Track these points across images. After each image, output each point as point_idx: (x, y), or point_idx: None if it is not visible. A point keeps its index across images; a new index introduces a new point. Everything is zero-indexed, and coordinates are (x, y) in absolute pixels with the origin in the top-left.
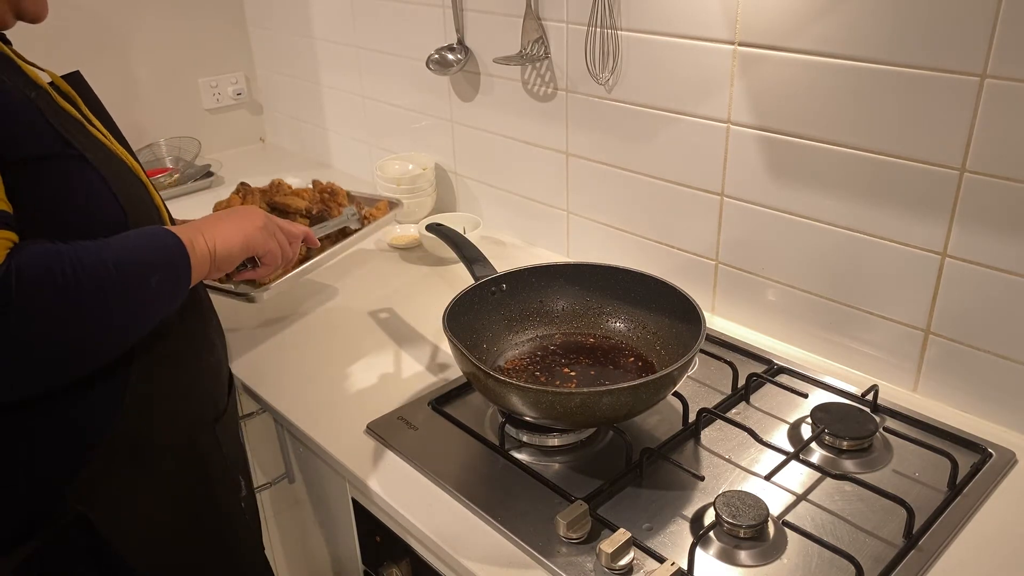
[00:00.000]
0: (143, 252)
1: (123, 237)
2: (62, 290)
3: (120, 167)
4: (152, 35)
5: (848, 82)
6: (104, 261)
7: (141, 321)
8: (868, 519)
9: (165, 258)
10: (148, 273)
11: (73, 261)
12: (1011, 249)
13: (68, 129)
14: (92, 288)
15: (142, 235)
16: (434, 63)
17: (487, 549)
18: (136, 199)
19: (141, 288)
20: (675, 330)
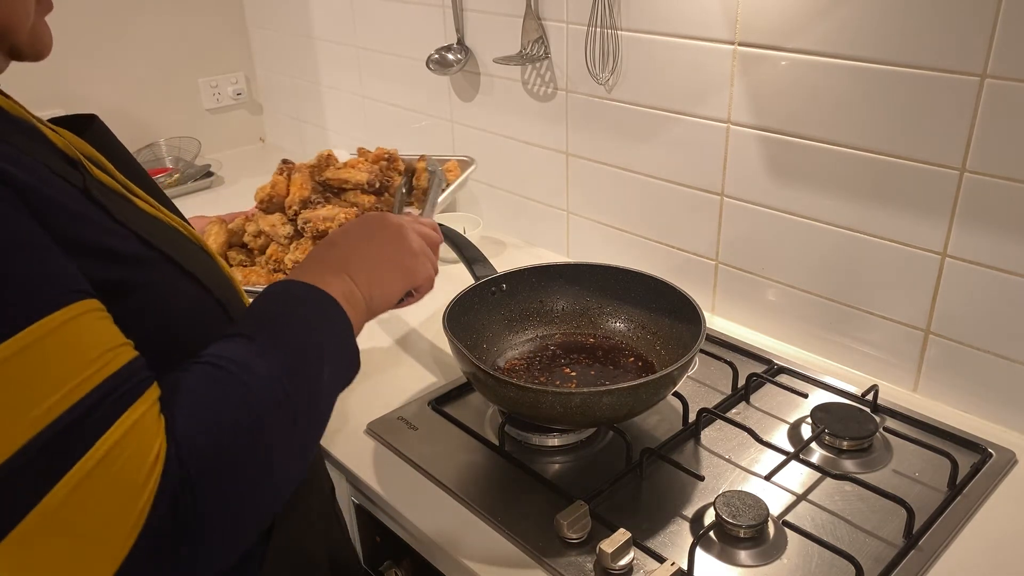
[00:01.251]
0: (301, 337)
1: (265, 319)
2: (245, 458)
3: (184, 243)
4: (152, 35)
5: (848, 82)
6: (273, 377)
7: (319, 432)
8: (868, 519)
9: (329, 333)
10: (319, 365)
11: (242, 397)
12: (1011, 249)
13: (130, 219)
14: (272, 431)
15: (287, 306)
16: (434, 63)
17: (487, 549)
18: (217, 279)
19: (317, 392)
20: (675, 330)
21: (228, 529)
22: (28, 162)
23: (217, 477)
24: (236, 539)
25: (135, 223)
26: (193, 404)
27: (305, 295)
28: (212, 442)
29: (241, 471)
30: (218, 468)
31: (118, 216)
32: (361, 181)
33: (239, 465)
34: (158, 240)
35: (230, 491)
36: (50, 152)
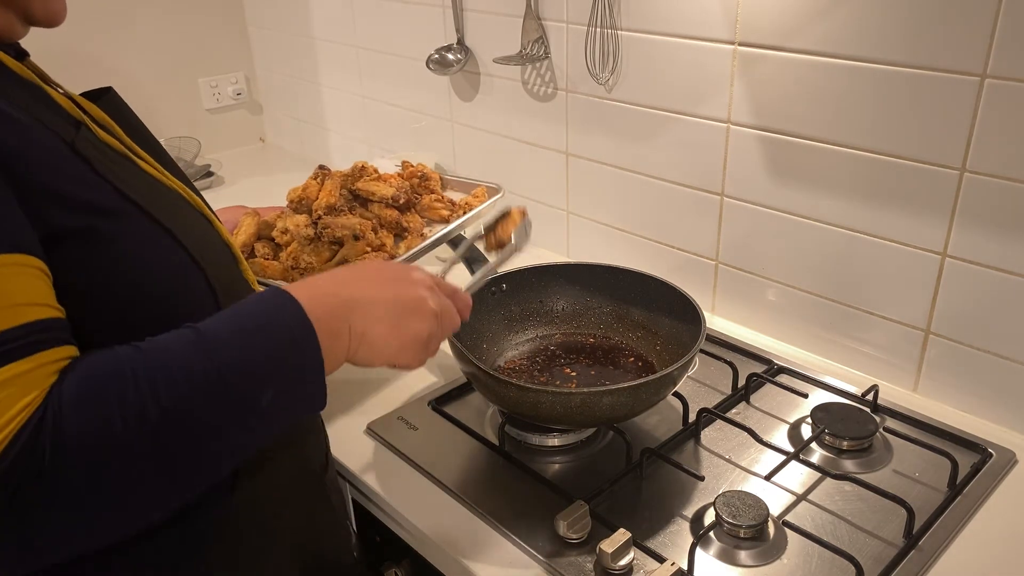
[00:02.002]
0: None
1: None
2: (120, 449)
3: (180, 205)
4: (152, 35)
5: (848, 82)
6: (189, 392)
7: (234, 459)
8: (868, 519)
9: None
10: (258, 390)
11: (144, 396)
12: (1011, 249)
13: (118, 174)
14: (167, 439)
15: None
16: (434, 63)
17: (487, 549)
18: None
19: (245, 414)
20: (675, 330)
21: (72, 513)
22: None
23: (76, 456)
24: (80, 527)
25: (123, 179)
26: (84, 394)
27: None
28: (85, 430)
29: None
30: (79, 446)
31: (100, 170)
32: (386, 195)
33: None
34: (142, 196)
35: (85, 474)
36: (48, 109)
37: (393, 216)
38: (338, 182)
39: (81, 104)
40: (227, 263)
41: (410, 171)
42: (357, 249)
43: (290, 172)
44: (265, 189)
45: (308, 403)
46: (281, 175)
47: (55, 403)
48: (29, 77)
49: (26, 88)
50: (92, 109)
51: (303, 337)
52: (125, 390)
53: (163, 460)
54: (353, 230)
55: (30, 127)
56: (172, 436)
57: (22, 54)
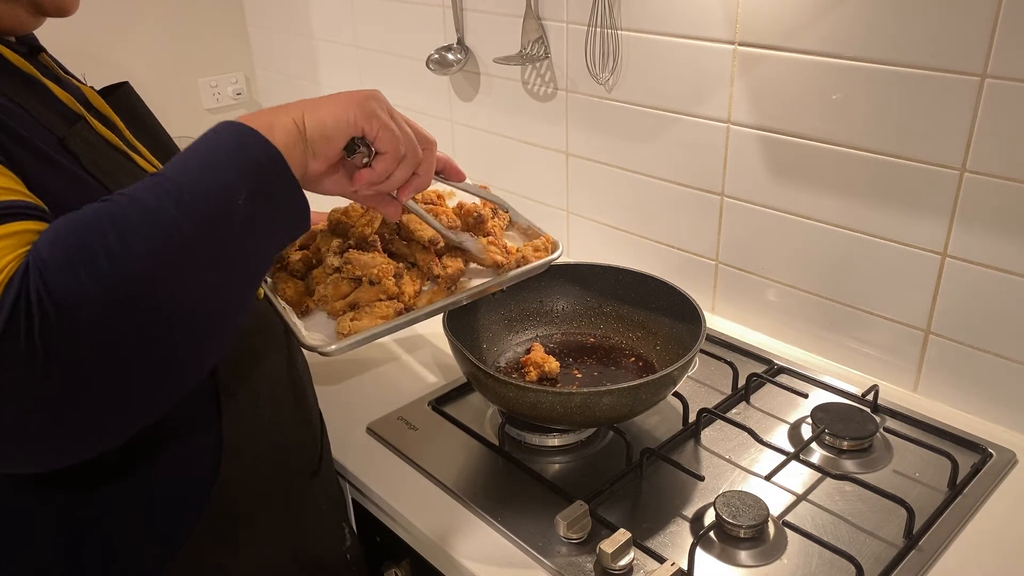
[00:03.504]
0: (214, 169)
1: (175, 160)
2: (108, 286)
3: None
4: (152, 35)
5: (848, 82)
6: (161, 207)
7: (241, 278)
8: (868, 519)
9: (247, 162)
10: (228, 198)
11: (121, 231)
12: (1011, 249)
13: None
14: (154, 264)
15: (198, 145)
16: (434, 63)
17: (487, 549)
18: None
19: (225, 222)
20: (675, 330)
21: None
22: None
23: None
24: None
25: (113, 176)
26: (61, 229)
27: (216, 130)
28: (70, 262)
29: (102, 292)
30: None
31: (89, 166)
32: (424, 238)
33: (98, 283)
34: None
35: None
36: (44, 105)
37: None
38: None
39: (88, 97)
40: None
41: (466, 210)
42: (370, 294)
43: None
44: None
45: (288, 207)
46: None
47: (34, 259)
48: (29, 72)
49: (26, 83)
50: (98, 103)
51: (252, 139)
52: (103, 226)
53: (155, 286)
54: (370, 275)
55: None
56: (156, 263)
57: (36, 49)
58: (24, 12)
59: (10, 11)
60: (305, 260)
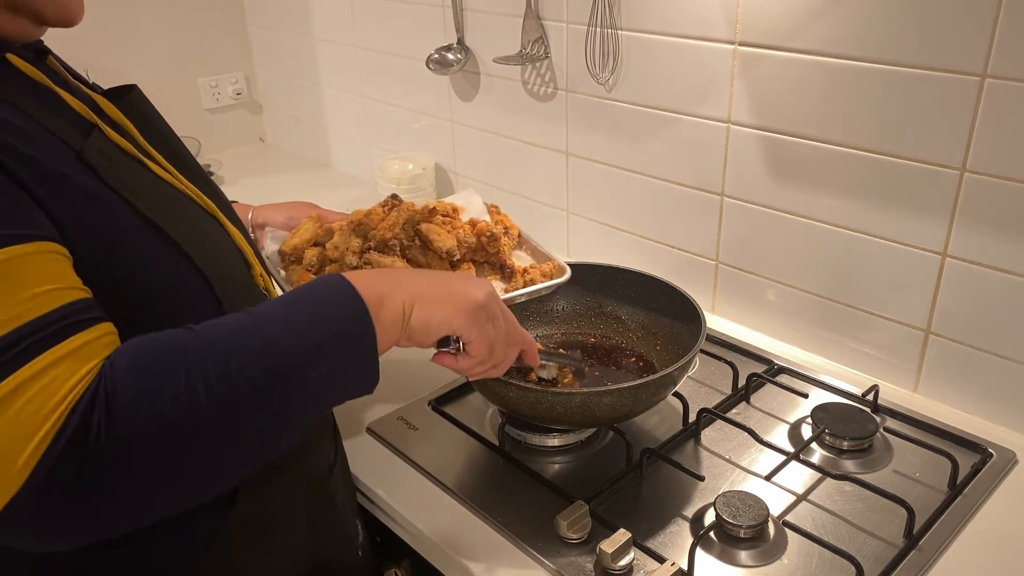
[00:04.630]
0: (305, 335)
1: (274, 304)
2: (176, 427)
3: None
4: (152, 35)
5: (848, 82)
6: (247, 364)
7: (288, 436)
8: (868, 519)
9: (338, 334)
10: (308, 364)
11: (193, 372)
12: (1011, 249)
13: (126, 182)
14: (222, 413)
15: (304, 296)
16: (434, 63)
17: (487, 549)
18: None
19: (297, 389)
20: (675, 330)
21: (134, 486)
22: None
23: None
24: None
25: (130, 186)
26: (137, 370)
27: (330, 284)
28: (138, 409)
29: (160, 436)
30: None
31: (107, 178)
32: (442, 247)
33: (159, 427)
34: (148, 203)
35: (143, 451)
36: (59, 115)
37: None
38: (404, 216)
39: (99, 104)
40: (237, 268)
41: (479, 228)
42: None
43: (290, 172)
44: (265, 189)
45: (362, 381)
46: (281, 175)
47: (108, 377)
48: (42, 81)
49: (38, 93)
50: (109, 109)
51: (356, 314)
52: (176, 366)
53: (214, 437)
54: None
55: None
56: (223, 415)
57: (43, 52)
58: (27, 22)
59: (13, 21)
60: (321, 257)
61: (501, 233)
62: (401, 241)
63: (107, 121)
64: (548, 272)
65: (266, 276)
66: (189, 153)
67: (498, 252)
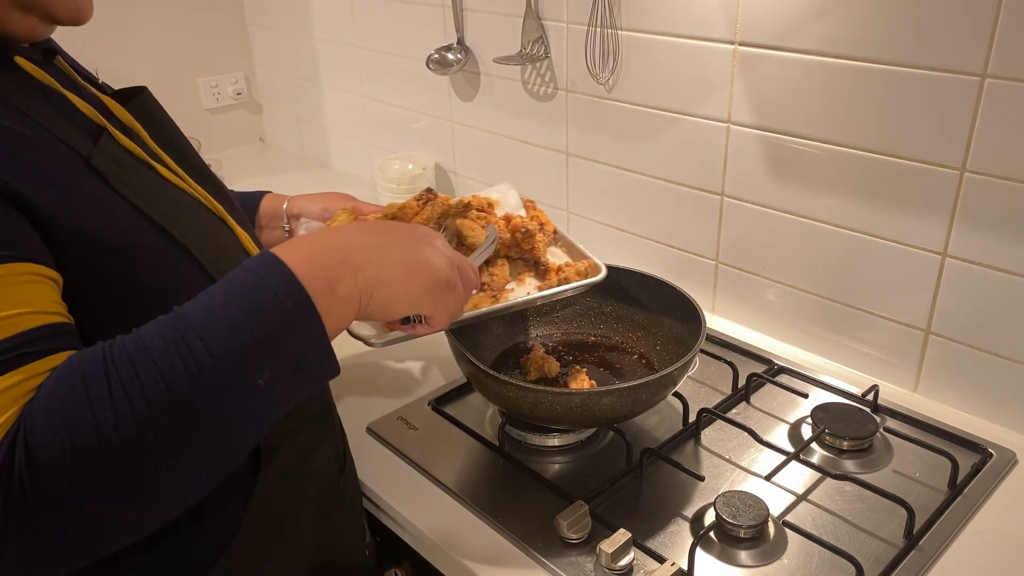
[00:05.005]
0: (241, 335)
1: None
2: (97, 457)
3: (198, 214)
4: (152, 35)
5: (848, 82)
6: (178, 377)
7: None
8: (868, 519)
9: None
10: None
11: (119, 398)
12: (1011, 249)
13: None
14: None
15: (235, 293)
16: (434, 63)
17: (487, 549)
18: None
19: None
20: (675, 330)
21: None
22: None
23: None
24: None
25: (139, 191)
26: (57, 390)
27: (260, 276)
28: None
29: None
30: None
31: (116, 184)
32: (476, 243)
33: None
34: (158, 208)
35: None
36: (67, 119)
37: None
38: (438, 211)
39: (108, 106)
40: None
41: (514, 224)
42: None
43: (290, 172)
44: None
45: (317, 375)
46: (281, 175)
47: (27, 418)
48: (51, 85)
49: (47, 97)
50: (119, 112)
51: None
52: (98, 391)
53: (151, 460)
54: None
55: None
56: (158, 435)
57: (52, 53)
58: (38, 21)
59: (24, 20)
60: None
61: (536, 229)
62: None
63: (116, 124)
64: (583, 271)
65: None
66: (198, 156)
67: (532, 249)
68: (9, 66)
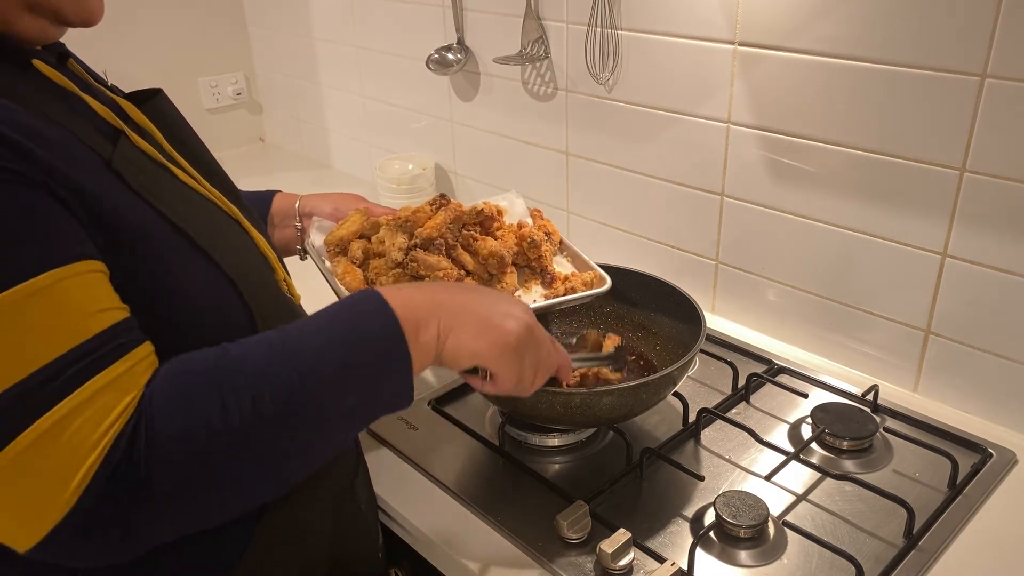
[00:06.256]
0: (339, 360)
1: (310, 332)
2: (211, 456)
3: (215, 217)
4: (152, 35)
5: (848, 82)
6: (280, 391)
7: (319, 458)
8: (868, 519)
9: (373, 363)
10: (343, 395)
11: (228, 402)
12: (1011, 249)
13: (153, 189)
14: (256, 441)
15: (343, 324)
16: (434, 63)
17: (487, 549)
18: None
19: (330, 416)
20: (675, 330)
21: (171, 512)
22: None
23: (167, 458)
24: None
25: (157, 194)
26: (173, 400)
27: (364, 309)
28: (177, 438)
29: (197, 464)
30: (170, 450)
31: (135, 186)
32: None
33: (195, 457)
34: (176, 211)
35: (181, 480)
36: (86, 121)
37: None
38: (451, 216)
39: (124, 108)
40: (263, 274)
41: (521, 233)
42: None
43: (290, 172)
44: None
45: (394, 403)
46: (281, 175)
47: (147, 408)
48: (67, 87)
49: (65, 99)
50: (135, 114)
51: (391, 342)
52: (211, 395)
53: (249, 463)
54: (434, 276)
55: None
56: (256, 441)
57: (64, 56)
58: (48, 23)
59: (34, 22)
60: (365, 250)
61: (543, 239)
62: (447, 240)
63: (132, 126)
64: (589, 281)
65: (289, 281)
66: (213, 158)
67: (539, 258)
68: (27, 69)
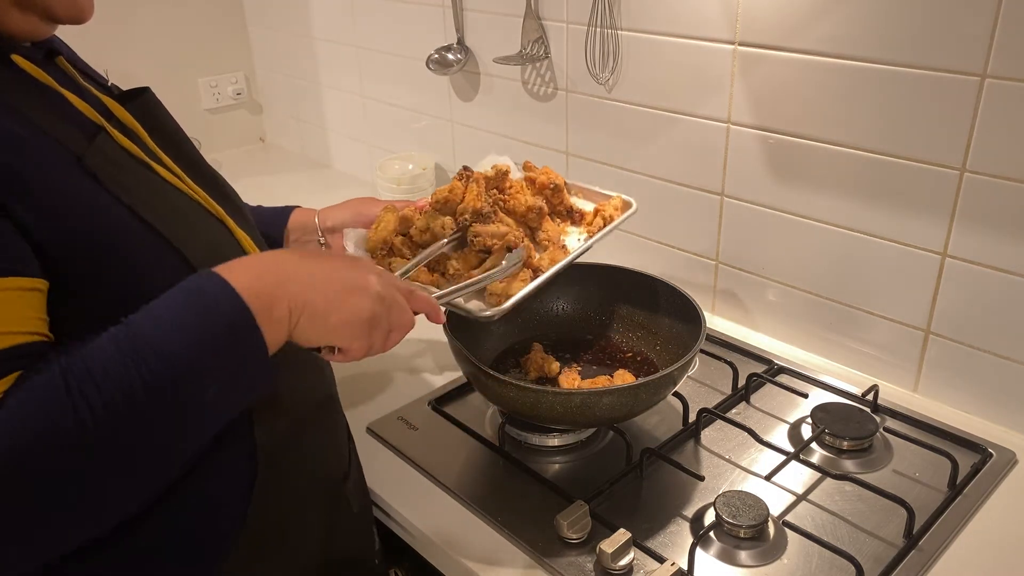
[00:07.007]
0: (192, 346)
1: (154, 321)
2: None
3: (197, 216)
4: (152, 35)
5: (848, 82)
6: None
7: (180, 458)
8: (868, 519)
9: (227, 350)
10: (202, 384)
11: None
12: (1011, 249)
13: (130, 187)
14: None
15: (184, 309)
16: (434, 63)
17: (487, 549)
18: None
19: (191, 410)
20: (675, 330)
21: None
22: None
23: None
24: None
25: (134, 192)
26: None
27: (208, 294)
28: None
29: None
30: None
31: (110, 184)
32: (532, 204)
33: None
34: (153, 210)
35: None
36: (63, 118)
37: (538, 220)
38: (483, 185)
39: (108, 106)
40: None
41: (540, 182)
42: (498, 260)
43: (290, 172)
44: (265, 189)
45: (254, 389)
46: (281, 175)
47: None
48: (48, 83)
49: (43, 94)
50: (119, 111)
51: (243, 327)
52: (51, 407)
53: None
54: (506, 241)
55: (36, 147)
56: (105, 446)
57: (54, 52)
58: (38, 20)
59: (23, 19)
60: (407, 244)
61: (562, 182)
62: (494, 207)
63: (115, 124)
64: (619, 206)
65: None
66: (201, 157)
67: (562, 201)
68: (6, 64)
